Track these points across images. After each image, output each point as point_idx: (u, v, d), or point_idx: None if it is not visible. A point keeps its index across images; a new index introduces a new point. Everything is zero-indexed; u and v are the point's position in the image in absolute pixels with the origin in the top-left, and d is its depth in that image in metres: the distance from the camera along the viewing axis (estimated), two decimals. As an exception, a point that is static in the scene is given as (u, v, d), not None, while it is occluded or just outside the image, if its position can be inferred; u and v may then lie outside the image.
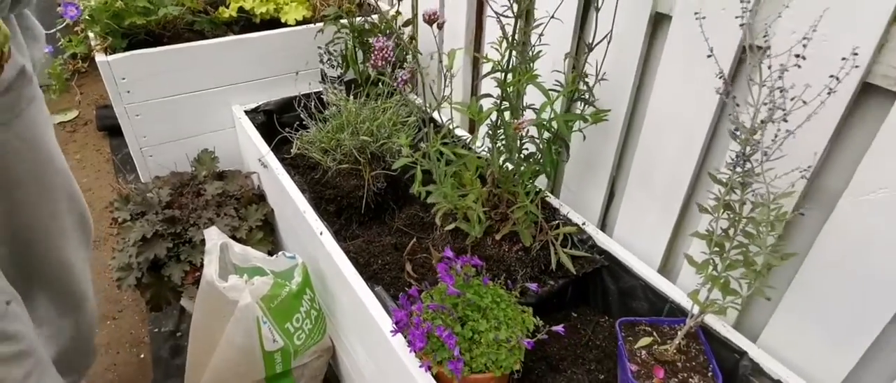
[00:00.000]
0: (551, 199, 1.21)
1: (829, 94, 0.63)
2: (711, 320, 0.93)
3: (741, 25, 0.70)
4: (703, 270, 0.82)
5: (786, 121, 0.63)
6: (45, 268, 1.06)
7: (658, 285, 1.00)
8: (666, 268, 1.08)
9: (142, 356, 1.55)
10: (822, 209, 0.80)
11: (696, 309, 0.87)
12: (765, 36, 0.76)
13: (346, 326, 1.17)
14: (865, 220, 0.73)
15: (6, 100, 0.87)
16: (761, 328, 0.92)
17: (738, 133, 0.70)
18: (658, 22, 0.95)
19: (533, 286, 0.92)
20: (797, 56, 0.63)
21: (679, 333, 0.89)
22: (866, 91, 0.72)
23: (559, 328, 0.84)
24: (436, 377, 0.82)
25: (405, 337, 0.84)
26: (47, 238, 1.04)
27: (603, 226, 1.22)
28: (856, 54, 0.60)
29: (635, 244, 1.10)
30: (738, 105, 0.77)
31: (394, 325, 0.84)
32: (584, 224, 1.13)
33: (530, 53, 0.95)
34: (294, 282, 1.11)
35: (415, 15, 1.65)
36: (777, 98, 0.64)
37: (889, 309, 0.73)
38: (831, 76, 0.61)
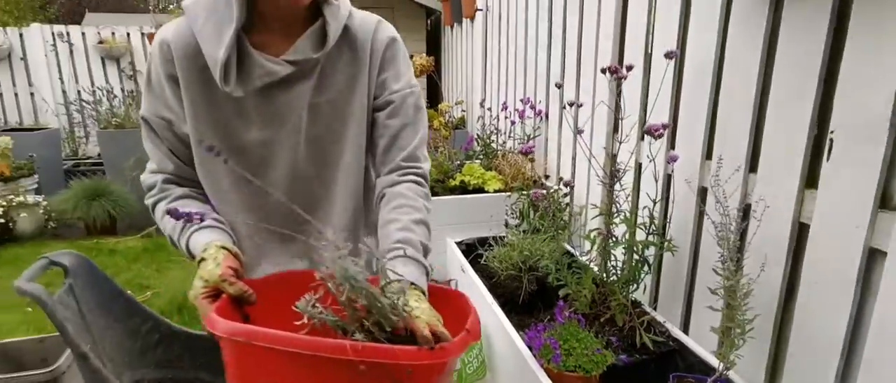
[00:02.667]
0: (645, 307, 1.77)
1: (758, 224, 1.21)
2: None
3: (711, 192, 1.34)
4: (718, 333, 1.33)
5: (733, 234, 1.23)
6: None
7: (709, 360, 1.47)
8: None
9: None
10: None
11: (721, 366, 1.35)
12: (724, 200, 1.37)
13: (497, 363, 1.81)
14: (812, 299, 1.22)
15: None
16: (779, 392, 1.33)
17: (721, 243, 1.29)
18: (705, 190, 1.59)
19: (614, 338, 1.50)
20: (740, 210, 1.25)
21: (709, 380, 1.36)
22: (804, 228, 1.26)
23: (624, 357, 1.40)
24: (546, 371, 1.43)
25: (531, 348, 1.48)
26: None
27: (685, 330, 1.71)
28: (763, 200, 1.20)
29: (702, 337, 1.58)
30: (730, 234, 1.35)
31: (527, 340, 1.49)
32: (664, 321, 1.66)
33: (628, 205, 1.64)
34: (471, 331, 1.82)
35: (570, 190, 2.46)
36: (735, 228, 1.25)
37: (833, 361, 1.17)
38: (753, 210, 1.21)
